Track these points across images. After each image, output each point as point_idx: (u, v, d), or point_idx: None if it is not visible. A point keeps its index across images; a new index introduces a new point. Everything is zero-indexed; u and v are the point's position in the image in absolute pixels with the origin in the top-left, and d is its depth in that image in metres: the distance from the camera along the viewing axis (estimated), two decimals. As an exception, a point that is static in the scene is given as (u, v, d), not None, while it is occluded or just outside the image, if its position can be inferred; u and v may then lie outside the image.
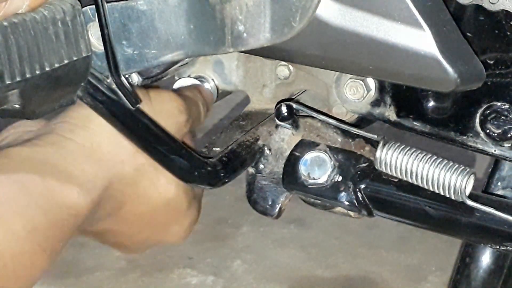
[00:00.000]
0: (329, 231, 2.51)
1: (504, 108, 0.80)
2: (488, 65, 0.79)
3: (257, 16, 0.75)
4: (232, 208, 2.61)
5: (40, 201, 0.72)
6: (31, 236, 0.71)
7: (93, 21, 0.74)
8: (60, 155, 0.75)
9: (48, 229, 0.72)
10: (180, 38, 0.78)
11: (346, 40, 0.75)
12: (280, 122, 0.87)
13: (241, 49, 0.78)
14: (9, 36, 0.64)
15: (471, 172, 0.78)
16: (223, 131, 0.91)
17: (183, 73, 0.94)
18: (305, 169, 0.85)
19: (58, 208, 0.73)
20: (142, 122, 0.78)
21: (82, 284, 2.30)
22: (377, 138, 0.81)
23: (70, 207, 0.74)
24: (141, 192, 0.80)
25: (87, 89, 0.73)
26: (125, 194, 0.80)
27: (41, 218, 0.72)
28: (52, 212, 0.73)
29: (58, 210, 0.73)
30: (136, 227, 0.84)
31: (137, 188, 0.80)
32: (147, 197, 0.81)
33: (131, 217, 0.82)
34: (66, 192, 0.74)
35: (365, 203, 0.84)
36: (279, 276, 2.33)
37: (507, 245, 0.79)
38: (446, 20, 0.75)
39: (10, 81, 0.65)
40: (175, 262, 2.39)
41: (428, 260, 2.37)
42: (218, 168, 0.83)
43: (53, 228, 0.73)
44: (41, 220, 0.72)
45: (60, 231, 0.74)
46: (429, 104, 0.84)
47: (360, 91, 0.86)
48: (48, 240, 0.73)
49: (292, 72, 0.92)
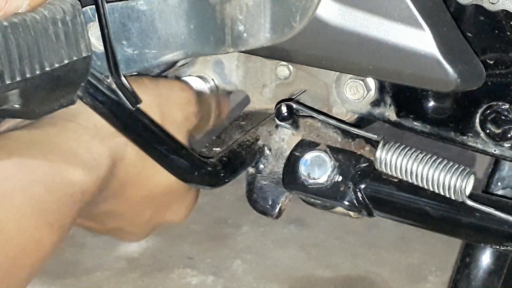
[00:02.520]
0: (329, 231, 2.51)
1: (504, 108, 0.80)
2: (488, 65, 0.79)
3: (257, 16, 0.75)
4: (232, 208, 2.61)
5: (44, 178, 0.72)
6: (36, 212, 0.71)
7: (93, 21, 0.74)
8: (63, 135, 0.75)
9: (53, 205, 0.73)
10: (180, 38, 0.78)
11: (346, 40, 0.75)
12: (280, 122, 0.87)
13: (241, 49, 0.78)
14: (9, 36, 0.64)
15: (471, 172, 0.78)
16: (223, 131, 0.91)
17: (183, 73, 0.94)
18: (305, 169, 0.85)
19: (63, 185, 0.73)
20: (142, 122, 0.78)
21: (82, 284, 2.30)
22: (377, 138, 0.81)
23: (75, 184, 0.74)
24: (143, 173, 0.81)
25: (87, 89, 0.73)
26: (129, 174, 0.80)
27: (46, 195, 0.72)
28: (57, 189, 0.73)
29: (63, 187, 0.73)
30: (138, 209, 0.84)
31: (139, 169, 0.80)
32: (151, 178, 0.82)
33: (135, 197, 0.82)
34: (71, 169, 0.74)
35: (365, 203, 0.84)
36: (279, 276, 2.33)
37: (507, 245, 0.79)
38: (446, 20, 0.75)
39: (10, 81, 0.65)
40: (175, 262, 2.39)
41: (428, 260, 2.37)
42: (218, 168, 0.83)
43: (59, 204, 0.73)
44: (46, 196, 0.72)
45: (67, 207, 0.74)
46: (429, 104, 0.84)
47: (360, 91, 0.86)
48: (55, 215, 0.73)
49: (292, 72, 0.92)
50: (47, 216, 0.72)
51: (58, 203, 0.73)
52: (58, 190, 0.73)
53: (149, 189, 0.83)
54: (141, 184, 0.82)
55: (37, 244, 0.72)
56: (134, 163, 0.80)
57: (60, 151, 0.74)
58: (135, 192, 0.82)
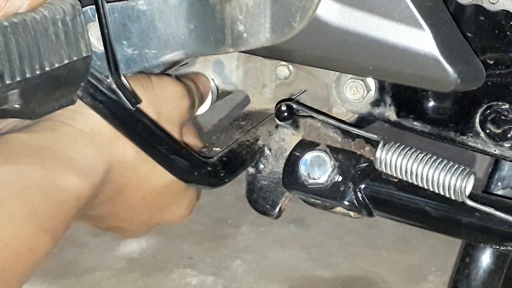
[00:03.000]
0: (329, 231, 2.51)
1: (504, 108, 0.80)
2: (488, 65, 0.79)
3: (257, 16, 0.75)
4: (232, 208, 2.61)
5: (39, 184, 0.72)
6: (31, 218, 0.71)
7: (93, 21, 0.74)
8: (59, 140, 0.75)
9: (48, 211, 0.73)
10: (180, 38, 0.78)
11: (346, 40, 0.75)
12: (280, 122, 0.87)
13: (241, 49, 0.78)
14: (9, 36, 0.64)
15: (471, 172, 0.78)
16: (223, 131, 0.91)
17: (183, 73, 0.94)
18: (305, 169, 0.85)
19: (58, 191, 0.73)
20: (142, 122, 0.78)
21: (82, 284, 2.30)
22: (377, 138, 0.81)
23: (70, 190, 0.74)
24: (141, 175, 0.81)
25: (87, 89, 0.73)
26: (125, 177, 0.80)
27: (40, 201, 0.72)
28: (52, 195, 0.73)
29: (58, 193, 0.73)
30: (137, 210, 0.84)
31: (137, 171, 0.80)
32: (147, 180, 0.82)
33: (132, 200, 0.82)
34: (66, 175, 0.74)
35: (365, 203, 0.84)
36: (279, 276, 2.33)
37: (507, 245, 0.79)
38: (446, 20, 0.75)
39: (10, 81, 0.65)
40: (175, 262, 2.39)
41: (428, 260, 2.37)
42: (218, 168, 0.83)
43: (54, 211, 0.73)
44: (41, 203, 0.72)
45: (61, 214, 0.74)
46: (429, 104, 0.84)
47: (360, 91, 0.86)
48: (49, 222, 0.73)
49: (292, 72, 0.92)
50: (42, 223, 0.72)
51: (52, 210, 0.73)
52: (53, 197, 0.73)
53: (146, 191, 0.83)
54: (138, 187, 0.82)
55: (30, 250, 0.72)
56: (131, 166, 0.80)
57: (56, 156, 0.74)
58: (132, 194, 0.82)
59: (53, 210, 0.73)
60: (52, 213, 0.73)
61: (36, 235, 0.71)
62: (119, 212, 0.84)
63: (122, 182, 0.80)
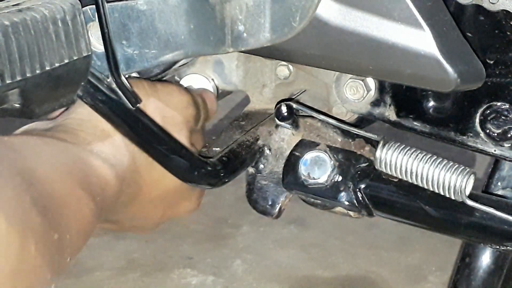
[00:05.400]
0: (329, 231, 2.51)
1: (504, 108, 0.80)
2: (488, 65, 0.79)
3: (257, 16, 0.75)
4: (232, 208, 2.61)
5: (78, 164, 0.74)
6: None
7: (93, 21, 0.74)
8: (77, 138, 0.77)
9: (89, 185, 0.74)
10: (180, 38, 0.78)
11: (346, 40, 0.75)
12: (280, 122, 0.87)
13: (241, 49, 0.78)
14: (9, 35, 0.64)
15: (471, 172, 0.78)
16: (223, 131, 0.91)
17: (183, 73, 0.94)
18: (305, 169, 0.85)
19: (89, 172, 0.75)
20: (142, 122, 0.78)
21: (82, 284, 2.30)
22: (377, 138, 0.81)
23: (100, 176, 0.76)
24: (154, 176, 0.82)
25: (87, 88, 0.73)
26: (142, 177, 0.81)
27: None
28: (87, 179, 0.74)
29: (89, 173, 0.75)
30: (152, 208, 0.86)
31: (152, 172, 0.82)
32: (161, 181, 0.83)
33: (147, 200, 0.84)
34: (95, 161, 0.76)
35: (365, 203, 0.84)
36: (279, 276, 2.33)
37: (507, 245, 0.79)
38: (446, 20, 0.75)
39: (11, 80, 0.65)
40: (175, 262, 2.39)
41: (428, 260, 2.37)
42: (218, 168, 0.83)
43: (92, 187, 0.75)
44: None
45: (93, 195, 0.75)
46: (429, 104, 0.84)
47: (360, 91, 0.86)
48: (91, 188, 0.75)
49: (292, 72, 0.92)
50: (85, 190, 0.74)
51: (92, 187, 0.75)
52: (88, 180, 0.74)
53: (161, 190, 0.84)
54: (153, 188, 0.83)
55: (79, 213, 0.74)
56: (147, 168, 0.81)
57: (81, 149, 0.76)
58: (148, 196, 0.83)
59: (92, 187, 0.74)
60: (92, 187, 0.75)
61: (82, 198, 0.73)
62: (136, 212, 0.85)
63: (140, 182, 0.81)
